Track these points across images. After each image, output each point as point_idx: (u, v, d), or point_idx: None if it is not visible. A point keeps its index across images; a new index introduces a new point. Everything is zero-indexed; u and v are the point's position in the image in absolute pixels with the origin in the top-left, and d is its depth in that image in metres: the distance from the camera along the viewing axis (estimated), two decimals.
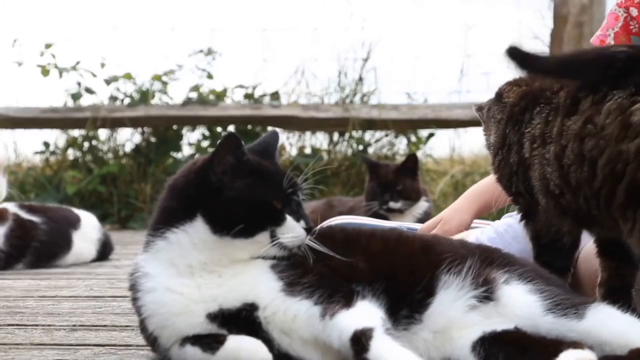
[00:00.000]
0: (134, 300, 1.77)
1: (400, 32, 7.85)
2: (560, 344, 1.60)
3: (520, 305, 1.71)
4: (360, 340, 1.56)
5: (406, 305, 1.68)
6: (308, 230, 1.72)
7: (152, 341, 1.77)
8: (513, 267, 1.76)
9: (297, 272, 1.69)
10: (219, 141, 1.70)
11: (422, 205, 4.75)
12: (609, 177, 1.75)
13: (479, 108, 2.27)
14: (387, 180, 4.71)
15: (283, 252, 1.71)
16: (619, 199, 1.75)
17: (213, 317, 1.69)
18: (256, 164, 1.74)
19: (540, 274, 1.78)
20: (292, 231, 1.71)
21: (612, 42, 2.56)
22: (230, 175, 1.70)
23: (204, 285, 1.70)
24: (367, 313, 1.62)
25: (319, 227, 1.84)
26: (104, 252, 4.25)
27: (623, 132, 1.74)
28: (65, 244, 4.04)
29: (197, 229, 1.70)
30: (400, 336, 1.63)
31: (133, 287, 1.77)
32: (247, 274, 1.70)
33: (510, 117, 2.07)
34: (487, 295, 1.72)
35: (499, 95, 2.18)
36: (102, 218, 6.86)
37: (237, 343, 1.66)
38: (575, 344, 1.59)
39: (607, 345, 1.62)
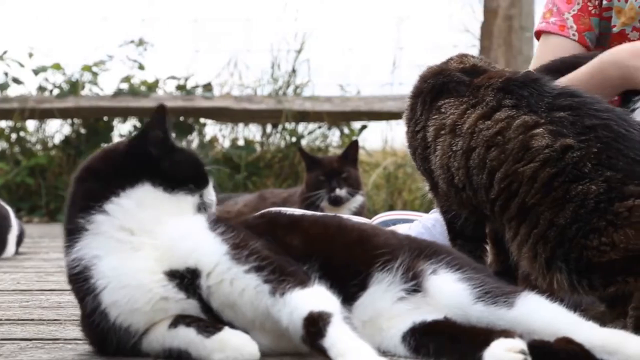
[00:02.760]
0: (85, 293, 1.69)
1: (334, 24, 7.87)
2: (491, 333, 1.61)
3: (449, 294, 1.71)
4: (317, 323, 1.53)
5: (339, 294, 1.68)
6: None
7: (114, 331, 1.68)
8: (440, 256, 1.77)
9: (240, 234, 1.68)
10: (151, 116, 1.80)
11: (359, 198, 4.79)
12: (504, 192, 1.88)
13: None
14: (332, 168, 4.75)
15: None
16: (511, 213, 1.87)
17: (170, 275, 1.66)
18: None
19: (468, 262, 1.80)
20: (212, 193, 1.81)
21: (575, 26, 2.55)
22: (165, 144, 1.79)
23: (152, 246, 1.68)
24: (324, 297, 1.60)
25: (266, 210, 1.91)
26: (19, 243, 4.18)
27: (521, 153, 1.86)
28: (1, 249, 3.96)
29: (145, 190, 1.73)
30: None
31: (80, 279, 1.69)
32: (187, 229, 1.70)
33: (419, 92, 2.13)
34: (415, 289, 1.73)
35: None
36: (31, 210, 6.75)
37: (230, 335, 1.63)
38: (506, 333, 1.60)
39: (535, 333, 1.63)
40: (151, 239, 1.69)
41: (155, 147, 1.77)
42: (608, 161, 1.79)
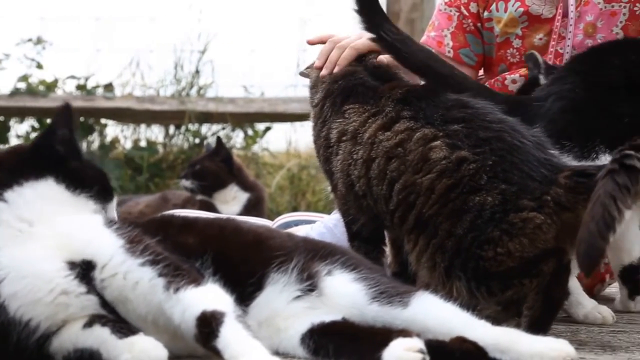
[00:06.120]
0: None
1: (238, 25, 7.84)
2: (390, 333, 1.62)
3: (345, 294, 1.72)
4: (210, 323, 1.52)
5: (235, 295, 1.67)
6: None
7: (14, 326, 1.62)
8: (335, 257, 1.78)
9: (135, 231, 1.68)
10: (57, 115, 1.82)
11: (232, 191, 4.93)
12: (403, 203, 1.91)
13: (307, 67, 2.33)
14: (194, 160, 5.14)
15: None
16: (409, 224, 1.91)
17: (70, 265, 1.62)
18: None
19: (363, 263, 1.80)
20: (114, 211, 1.81)
21: (451, 43, 2.62)
22: (71, 143, 1.79)
23: (51, 238, 1.65)
24: (217, 296, 1.59)
25: (159, 214, 1.93)
26: None
27: (420, 164, 1.89)
28: None
29: (48, 185, 1.73)
30: None
31: None
32: (85, 223, 1.70)
33: (330, 93, 2.14)
34: (310, 288, 1.73)
35: None
36: None
37: (142, 339, 1.59)
38: (405, 333, 1.61)
39: (430, 332, 1.64)
40: (50, 230, 1.66)
41: (62, 145, 1.78)
42: (503, 174, 1.84)
